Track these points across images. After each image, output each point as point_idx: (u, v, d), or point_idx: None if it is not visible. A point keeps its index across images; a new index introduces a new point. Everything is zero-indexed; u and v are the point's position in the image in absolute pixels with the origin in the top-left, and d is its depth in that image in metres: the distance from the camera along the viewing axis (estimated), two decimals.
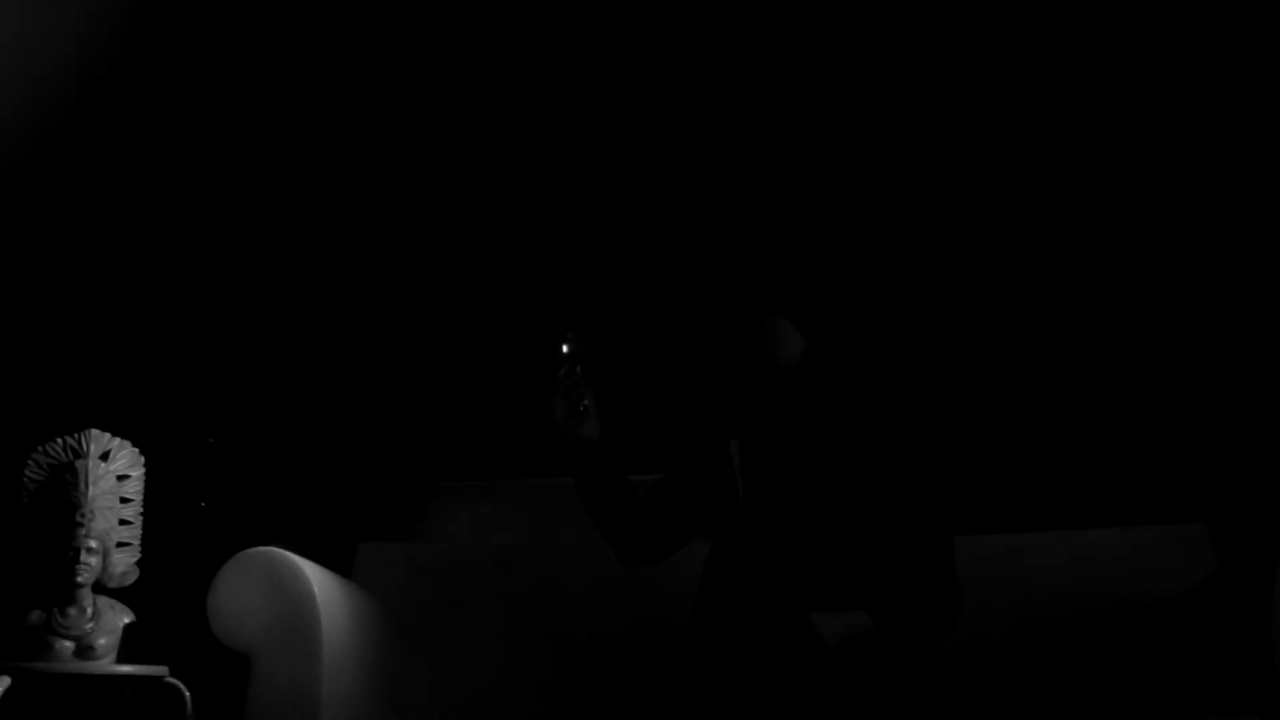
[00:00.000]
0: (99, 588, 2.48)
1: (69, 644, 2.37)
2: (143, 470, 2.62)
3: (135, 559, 2.55)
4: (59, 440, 2.52)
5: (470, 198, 3.17)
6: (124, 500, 2.55)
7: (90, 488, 2.48)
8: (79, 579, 2.42)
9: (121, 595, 2.53)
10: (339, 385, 3.06)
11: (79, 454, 2.51)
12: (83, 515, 2.45)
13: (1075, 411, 2.83)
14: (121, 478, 2.56)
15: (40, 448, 2.52)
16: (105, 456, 2.53)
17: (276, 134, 3.13)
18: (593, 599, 2.45)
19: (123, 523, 2.54)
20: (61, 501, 2.46)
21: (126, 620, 2.47)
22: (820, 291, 1.95)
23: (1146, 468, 2.71)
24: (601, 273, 3.06)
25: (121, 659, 2.42)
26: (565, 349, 1.91)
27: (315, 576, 2.13)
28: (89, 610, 2.42)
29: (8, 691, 2.25)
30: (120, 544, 2.52)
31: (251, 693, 2.08)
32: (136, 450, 2.63)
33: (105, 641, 2.40)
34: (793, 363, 1.95)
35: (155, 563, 2.59)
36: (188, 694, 2.39)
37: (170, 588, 2.65)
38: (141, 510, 2.59)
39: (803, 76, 3.05)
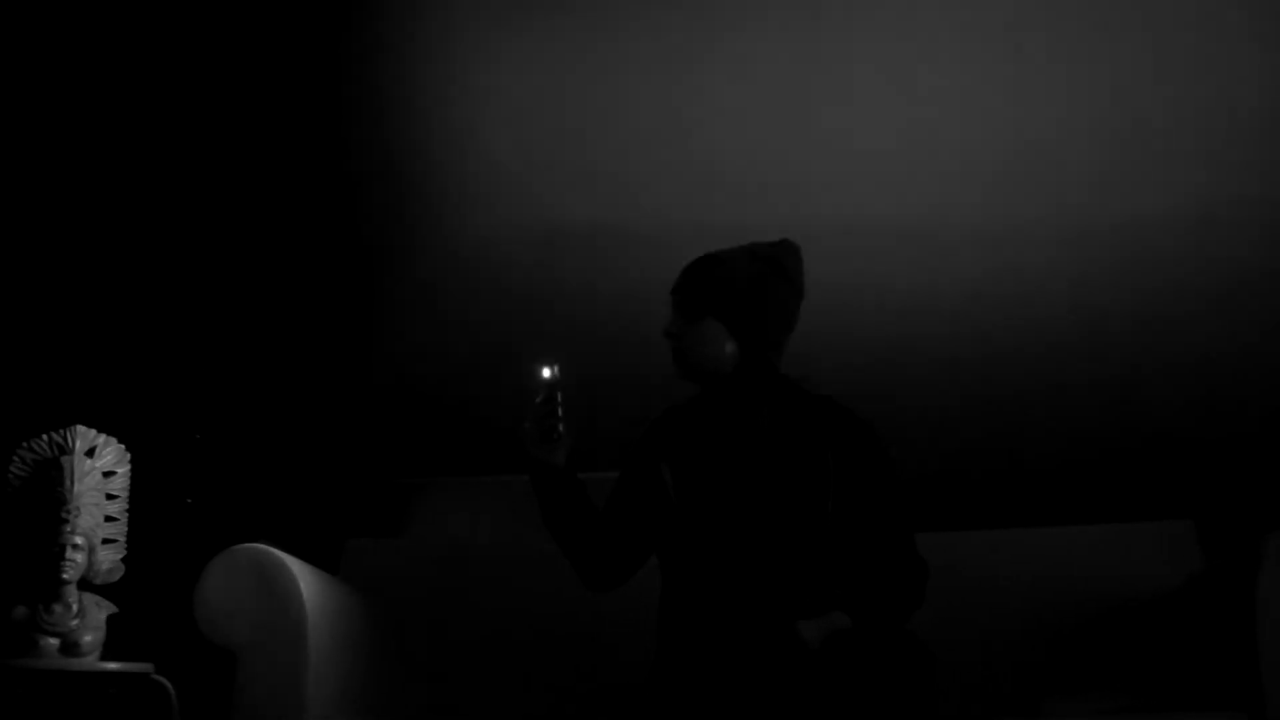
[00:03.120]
0: (84, 584, 2.47)
1: (54, 641, 2.36)
2: (129, 466, 2.61)
3: (121, 555, 2.54)
4: (44, 436, 2.51)
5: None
6: (110, 497, 2.54)
7: (75, 484, 2.46)
8: (64, 575, 2.40)
9: (107, 592, 2.52)
10: (327, 381, 3.06)
11: (64, 450, 2.49)
12: (68, 511, 2.43)
13: (1065, 409, 2.84)
14: (107, 474, 2.55)
15: (25, 444, 2.50)
16: (91, 453, 2.52)
17: (266, 135, 3.12)
18: (581, 596, 2.44)
19: (108, 519, 2.53)
20: (47, 498, 2.44)
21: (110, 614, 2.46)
22: (752, 294, 1.91)
23: (1134, 465, 2.72)
24: None
25: (106, 656, 2.41)
26: (545, 375, 1.88)
27: (302, 573, 2.13)
28: (74, 607, 2.41)
29: None
30: (106, 540, 2.51)
31: (237, 690, 2.07)
32: (122, 446, 2.61)
33: (90, 639, 2.39)
34: (724, 365, 1.92)
35: (141, 559, 2.58)
36: (173, 691, 2.38)
37: (156, 584, 2.65)
38: (127, 507, 2.58)
39: None
